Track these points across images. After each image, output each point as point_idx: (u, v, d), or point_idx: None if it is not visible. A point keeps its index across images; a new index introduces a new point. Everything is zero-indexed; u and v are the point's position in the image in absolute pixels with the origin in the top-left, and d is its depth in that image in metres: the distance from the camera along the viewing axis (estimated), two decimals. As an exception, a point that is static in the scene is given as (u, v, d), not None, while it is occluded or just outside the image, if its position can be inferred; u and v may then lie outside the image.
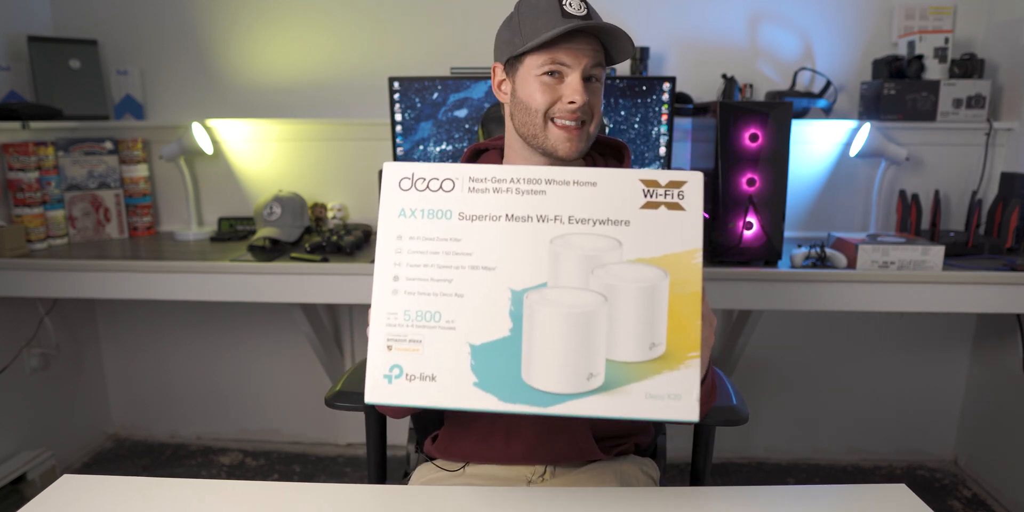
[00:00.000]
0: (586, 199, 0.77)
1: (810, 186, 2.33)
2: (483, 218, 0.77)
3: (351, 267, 1.94)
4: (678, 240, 0.76)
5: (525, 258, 0.77)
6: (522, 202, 0.77)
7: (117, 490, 0.96)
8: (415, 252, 0.78)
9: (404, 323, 0.77)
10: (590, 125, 1.03)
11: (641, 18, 2.28)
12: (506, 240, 0.77)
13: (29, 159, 2.15)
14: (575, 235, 0.76)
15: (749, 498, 0.94)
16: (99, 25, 2.42)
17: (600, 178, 0.77)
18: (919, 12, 2.21)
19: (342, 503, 0.93)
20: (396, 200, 0.79)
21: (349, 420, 2.58)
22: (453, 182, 0.78)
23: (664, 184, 0.77)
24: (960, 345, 2.43)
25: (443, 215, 0.78)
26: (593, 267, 0.76)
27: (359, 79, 2.38)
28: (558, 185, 0.77)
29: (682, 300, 0.76)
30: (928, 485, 2.37)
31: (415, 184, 0.79)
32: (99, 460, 2.54)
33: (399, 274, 0.78)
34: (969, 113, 2.14)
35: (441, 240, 0.78)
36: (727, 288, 1.89)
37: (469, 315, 0.77)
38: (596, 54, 1.02)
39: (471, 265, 0.77)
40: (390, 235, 0.78)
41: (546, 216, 0.77)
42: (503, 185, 0.78)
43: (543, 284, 0.76)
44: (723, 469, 2.49)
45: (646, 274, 0.76)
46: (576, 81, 1.00)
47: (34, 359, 2.35)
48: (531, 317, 0.76)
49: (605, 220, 0.76)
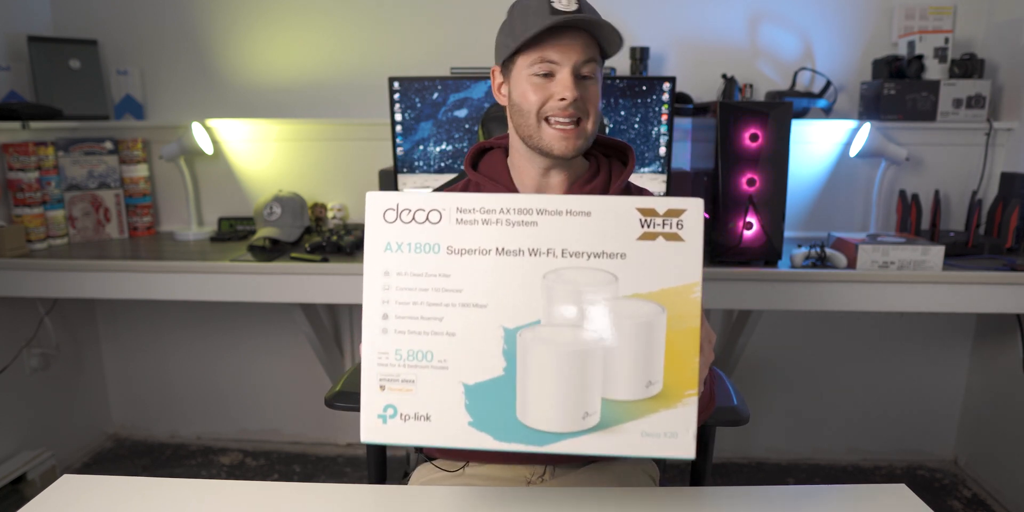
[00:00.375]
0: (580, 230, 0.73)
1: (810, 186, 2.33)
2: (472, 252, 0.75)
3: (351, 267, 1.94)
4: (676, 273, 0.73)
5: (517, 294, 0.74)
6: (513, 234, 0.74)
7: (117, 490, 0.96)
8: (403, 289, 0.75)
9: (396, 363, 0.76)
10: (587, 122, 1.02)
11: (641, 18, 2.28)
12: (497, 275, 0.74)
13: (29, 159, 2.15)
14: (569, 270, 0.73)
15: (749, 498, 0.94)
16: (99, 25, 2.42)
17: (595, 207, 0.74)
18: (919, 12, 2.21)
19: (342, 503, 0.93)
20: (381, 233, 0.76)
21: (349, 420, 2.58)
22: (440, 213, 0.75)
23: (662, 213, 0.73)
24: (960, 345, 2.43)
25: (431, 249, 0.75)
26: (588, 304, 0.74)
27: (359, 79, 2.38)
28: (550, 215, 0.74)
29: (680, 336, 0.73)
30: (928, 485, 2.37)
31: (400, 215, 0.76)
32: (99, 460, 2.54)
33: (388, 312, 0.76)
34: (969, 113, 2.13)
35: (430, 276, 0.75)
36: (727, 288, 1.89)
37: (462, 354, 0.75)
38: (587, 49, 1.00)
39: (462, 302, 0.75)
40: (376, 271, 0.76)
41: (538, 249, 0.74)
42: (493, 216, 0.74)
43: (537, 321, 0.74)
44: (723, 469, 2.49)
45: (643, 310, 0.73)
46: (566, 77, 0.99)
47: (34, 359, 2.35)
48: (525, 356, 0.75)
49: (600, 253, 0.73)
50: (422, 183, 2.10)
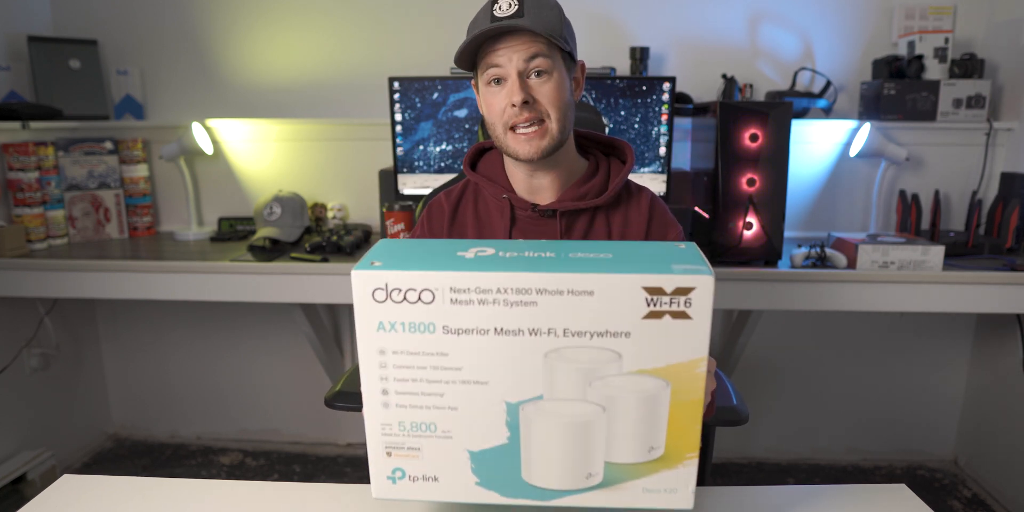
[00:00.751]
0: (582, 310, 0.70)
1: (810, 186, 2.33)
2: (470, 332, 0.72)
3: (351, 267, 1.93)
4: (683, 350, 0.71)
5: (518, 372, 0.73)
6: (511, 315, 0.71)
7: (117, 490, 0.96)
8: (401, 367, 0.74)
9: (400, 433, 0.76)
10: (549, 122, 1.00)
11: (641, 18, 2.28)
12: (497, 355, 0.72)
13: (29, 159, 2.15)
14: (571, 348, 0.71)
15: (749, 498, 0.94)
16: (99, 25, 2.43)
17: (597, 286, 0.69)
18: (919, 12, 2.21)
19: (342, 503, 0.93)
20: (372, 313, 0.72)
21: (349, 420, 2.58)
22: (433, 293, 0.71)
23: (670, 291, 0.69)
24: (960, 345, 2.43)
25: (426, 328, 0.72)
26: (591, 379, 0.73)
27: (359, 79, 2.38)
28: (551, 295, 0.70)
29: (683, 406, 0.73)
30: (928, 485, 2.37)
31: (390, 295, 0.72)
32: (99, 460, 2.54)
33: (388, 388, 0.75)
34: (969, 113, 2.13)
35: (427, 354, 0.73)
36: (727, 288, 1.89)
37: (465, 426, 0.75)
38: (529, 47, 0.98)
39: (462, 380, 0.73)
40: (371, 349, 0.74)
41: (539, 329, 0.71)
42: (489, 296, 0.70)
43: (539, 396, 0.74)
44: (723, 469, 2.49)
45: (646, 385, 0.72)
46: (512, 82, 0.98)
47: (34, 359, 2.35)
48: (528, 428, 0.75)
49: (604, 332, 0.70)
50: (422, 183, 2.10)
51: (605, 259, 0.73)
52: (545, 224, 1.07)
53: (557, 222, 1.06)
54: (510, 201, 1.07)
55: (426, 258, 0.74)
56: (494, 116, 1.01)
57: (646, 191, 1.12)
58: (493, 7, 0.98)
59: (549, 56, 0.99)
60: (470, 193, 1.13)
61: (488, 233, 1.10)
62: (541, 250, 0.76)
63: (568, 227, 1.07)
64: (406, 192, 2.11)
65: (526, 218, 1.08)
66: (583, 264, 0.71)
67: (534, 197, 1.08)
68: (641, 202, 1.10)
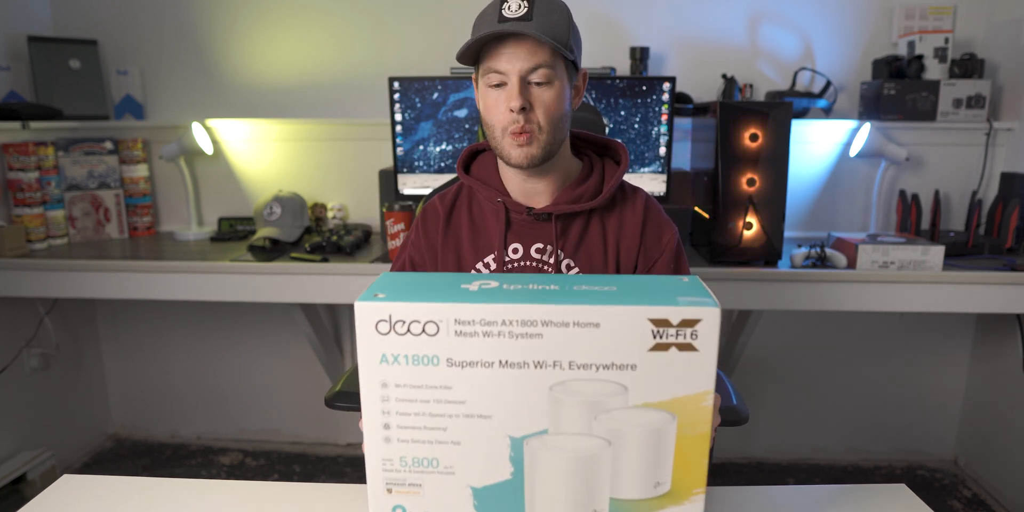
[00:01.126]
0: (588, 342, 0.69)
1: (810, 186, 2.33)
2: (474, 365, 0.71)
3: (351, 267, 1.94)
4: (689, 383, 0.70)
5: (523, 405, 0.72)
6: (516, 347, 0.70)
7: (117, 490, 0.96)
8: (403, 400, 0.73)
9: (401, 469, 0.75)
10: (540, 133, 0.99)
11: (641, 18, 2.28)
12: (501, 388, 0.72)
13: (29, 159, 2.15)
14: (576, 381, 0.71)
15: (749, 498, 0.94)
16: (99, 25, 2.43)
17: (604, 318, 0.69)
18: (919, 12, 2.21)
19: (342, 503, 0.93)
20: (375, 345, 0.71)
21: (349, 420, 2.58)
22: (437, 325, 0.70)
23: (676, 323, 0.69)
24: (960, 345, 2.43)
25: (429, 361, 0.71)
26: (596, 413, 0.72)
27: (359, 79, 2.38)
28: (556, 327, 0.69)
29: (689, 440, 0.73)
30: (928, 485, 2.37)
31: (394, 327, 0.71)
32: (99, 460, 2.54)
33: (390, 422, 0.74)
34: (969, 113, 2.13)
35: (430, 388, 0.72)
36: (727, 288, 1.89)
37: (468, 461, 0.74)
38: (533, 56, 0.96)
39: (465, 413, 0.73)
40: (374, 382, 0.73)
41: (544, 362, 0.70)
42: (494, 328, 0.70)
43: (544, 431, 0.73)
44: (723, 469, 2.49)
45: (652, 418, 0.72)
46: (513, 87, 0.97)
47: (34, 359, 2.35)
48: (532, 463, 0.74)
49: (609, 365, 0.70)
50: (422, 183, 2.10)
51: (609, 292, 0.72)
52: (540, 227, 1.07)
53: (552, 225, 1.06)
54: (505, 205, 1.07)
55: (430, 290, 0.73)
56: (493, 118, 1.00)
57: (640, 192, 1.12)
58: (502, 6, 0.96)
59: (552, 66, 0.98)
60: (464, 196, 1.12)
61: (483, 236, 1.09)
62: (545, 283, 0.76)
63: (563, 230, 1.07)
64: (406, 192, 2.11)
65: (521, 222, 1.07)
66: (588, 297, 0.71)
67: (529, 200, 1.07)
68: (636, 204, 1.09)
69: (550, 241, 1.06)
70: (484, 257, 1.08)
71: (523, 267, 1.06)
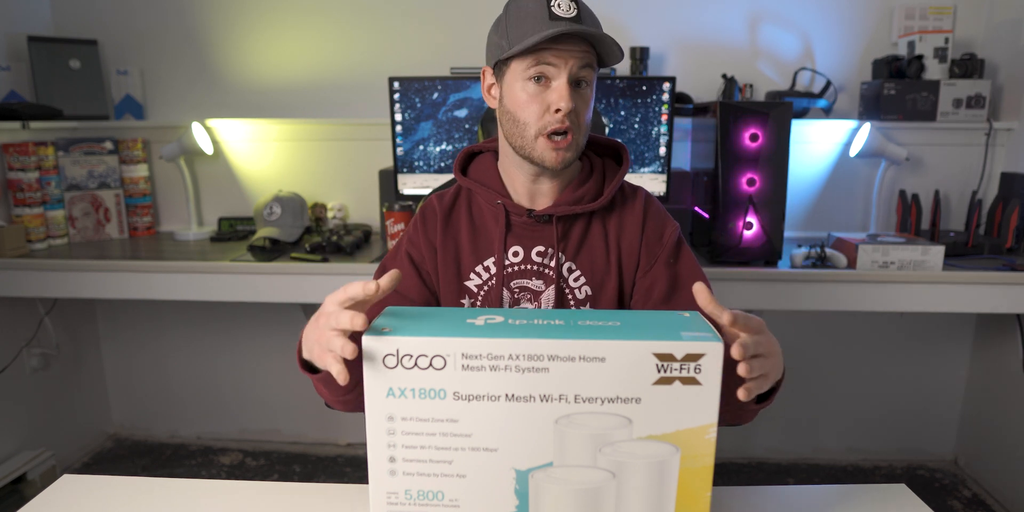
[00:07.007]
0: (593, 376, 0.71)
1: (810, 186, 2.33)
2: (481, 398, 0.72)
3: (351, 267, 1.94)
4: (692, 416, 0.72)
5: (528, 438, 0.73)
6: (523, 381, 0.72)
7: (117, 490, 0.96)
8: (409, 433, 0.74)
9: (406, 501, 0.76)
10: (578, 135, 0.99)
11: (641, 18, 2.28)
12: (507, 421, 0.73)
13: (29, 159, 2.15)
14: (581, 414, 0.73)
15: (749, 498, 0.94)
16: (99, 25, 2.43)
17: (609, 352, 0.70)
18: (919, 12, 2.21)
19: (342, 503, 0.93)
20: (382, 379, 0.73)
21: (349, 420, 2.58)
22: (444, 359, 0.72)
23: (680, 358, 0.70)
24: (960, 345, 2.43)
25: (436, 394, 0.73)
26: (601, 445, 0.73)
27: (359, 79, 2.38)
28: (563, 361, 0.71)
29: (692, 473, 0.74)
30: (928, 485, 2.37)
31: (401, 361, 0.72)
32: (99, 460, 2.54)
33: (395, 455, 0.75)
34: (969, 113, 2.13)
35: (436, 421, 0.73)
36: (727, 288, 1.89)
37: (473, 494, 0.75)
38: (584, 56, 0.96)
39: (471, 447, 0.74)
40: (380, 416, 0.74)
41: (550, 396, 0.72)
42: (501, 362, 0.71)
43: (549, 463, 0.74)
44: (723, 469, 2.49)
45: (656, 450, 0.73)
46: (562, 86, 0.95)
47: (34, 359, 2.35)
48: (537, 495, 0.75)
49: (614, 398, 0.72)
50: (422, 183, 2.10)
51: (614, 327, 0.74)
52: (541, 229, 1.06)
53: (553, 227, 1.05)
54: (505, 207, 1.06)
55: (435, 324, 0.75)
56: (526, 117, 0.98)
57: (640, 191, 1.11)
58: (551, 4, 0.95)
59: (594, 67, 0.99)
60: (463, 198, 1.11)
61: (483, 238, 1.07)
62: (550, 318, 0.77)
63: (564, 232, 1.06)
64: (406, 192, 2.11)
65: (521, 224, 1.06)
66: (593, 331, 0.72)
67: (531, 201, 1.06)
68: (636, 203, 1.09)
69: (551, 243, 1.05)
70: (484, 260, 1.06)
71: (524, 271, 1.05)
